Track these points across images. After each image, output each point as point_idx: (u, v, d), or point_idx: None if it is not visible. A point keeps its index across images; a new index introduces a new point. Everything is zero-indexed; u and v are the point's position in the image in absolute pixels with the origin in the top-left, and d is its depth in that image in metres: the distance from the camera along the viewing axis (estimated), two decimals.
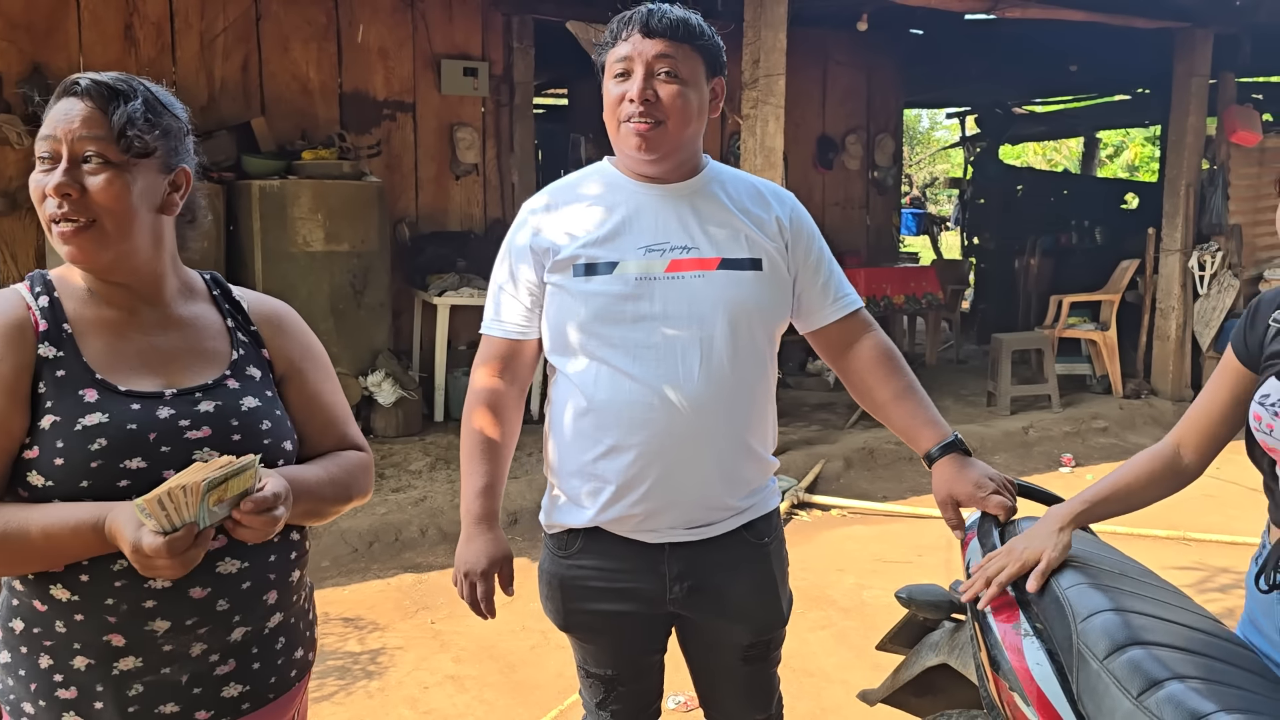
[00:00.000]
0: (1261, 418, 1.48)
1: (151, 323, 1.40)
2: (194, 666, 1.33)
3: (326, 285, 5.69)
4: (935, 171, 21.72)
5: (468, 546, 1.78)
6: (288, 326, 1.54)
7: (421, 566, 4.32)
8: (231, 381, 1.41)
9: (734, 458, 1.77)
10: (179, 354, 1.40)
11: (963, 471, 1.76)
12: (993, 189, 10.67)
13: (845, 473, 5.72)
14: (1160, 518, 4.57)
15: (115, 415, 1.29)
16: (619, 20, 1.73)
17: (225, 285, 1.52)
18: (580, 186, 1.82)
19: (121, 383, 1.33)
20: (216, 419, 1.36)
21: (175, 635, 1.31)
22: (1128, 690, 1.29)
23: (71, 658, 1.30)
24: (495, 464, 1.80)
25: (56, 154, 1.30)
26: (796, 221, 1.83)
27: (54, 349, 1.31)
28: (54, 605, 1.29)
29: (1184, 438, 1.64)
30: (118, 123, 1.30)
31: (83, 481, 1.26)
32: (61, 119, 1.30)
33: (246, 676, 1.38)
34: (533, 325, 1.81)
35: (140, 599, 1.28)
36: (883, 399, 1.85)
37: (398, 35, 6.60)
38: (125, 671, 1.30)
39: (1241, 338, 1.59)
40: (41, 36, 5.53)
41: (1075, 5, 6.55)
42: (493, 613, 1.79)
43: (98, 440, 1.27)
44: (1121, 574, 1.58)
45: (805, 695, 3.16)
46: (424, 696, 3.21)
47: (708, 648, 1.90)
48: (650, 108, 1.67)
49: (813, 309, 1.86)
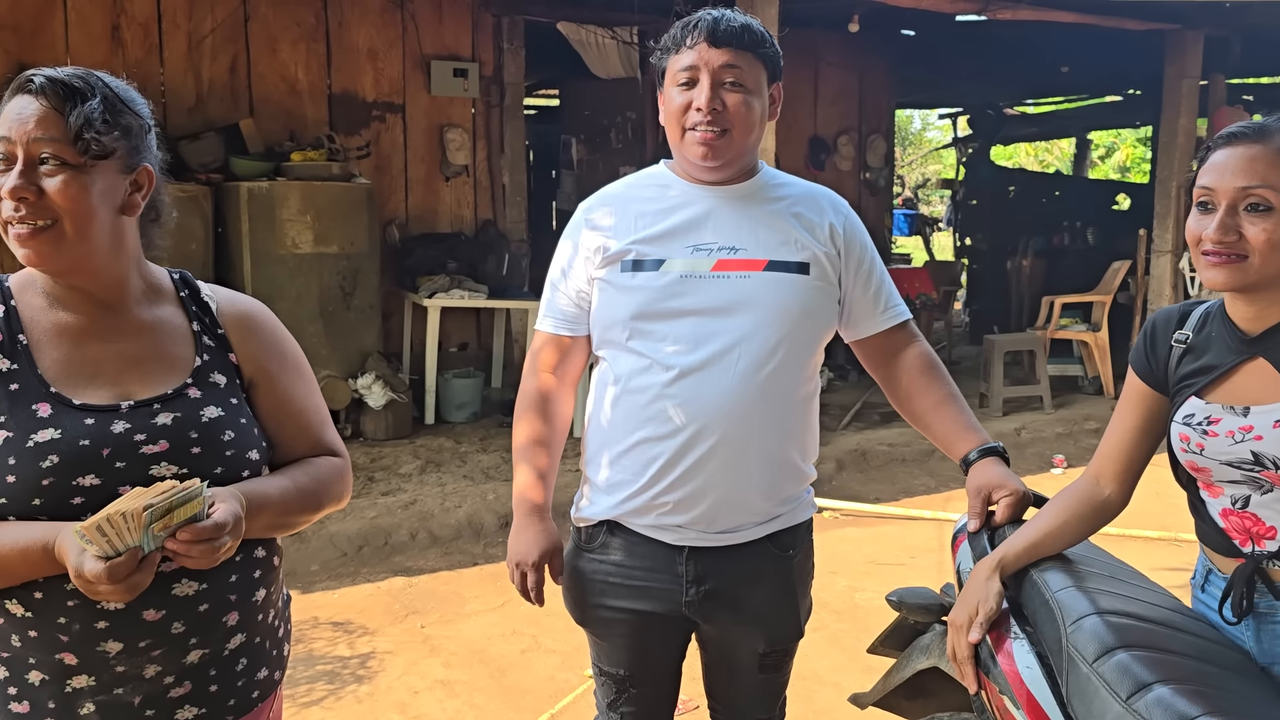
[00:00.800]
0: (1190, 437, 1.49)
1: (111, 329, 1.35)
2: (147, 688, 1.30)
3: (315, 287, 5.66)
4: (927, 172, 21.76)
5: (519, 537, 1.81)
6: (258, 327, 1.49)
7: (411, 570, 4.30)
8: (193, 390, 1.36)
9: (765, 461, 1.76)
10: (139, 361, 1.35)
11: (1000, 469, 1.76)
12: (985, 190, 10.68)
13: (838, 475, 5.72)
14: (1151, 519, 4.57)
15: (68, 430, 1.26)
16: (682, 26, 1.73)
17: (194, 285, 1.47)
18: (636, 188, 1.85)
19: (76, 395, 1.29)
20: (175, 431, 1.32)
21: (128, 657, 1.28)
22: (1117, 693, 1.29)
23: (26, 671, 1.27)
24: (547, 456, 1.85)
25: (11, 155, 1.25)
26: (850, 230, 1.84)
27: (7, 361, 1.28)
28: (9, 619, 1.27)
29: (1102, 470, 1.63)
30: (74, 124, 1.25)
31: (35, 499, 1.24)
32: (15, 119, 1.25)
33: (203, 699, 1.35)
34: (582, 322, 1.84)
35: (93, 619, 1.25)
36: (924, 407, 1.86)
37: (387, 36, 6.58)
38: (78, 689, 1.27)
39: (1144, 361, 1.60)
40: (27, 37, 5.50)
41: (1066, 6, 6.56)
42: (541, 601, 1.82)
43: (49, 457, 1.24)
44: (1111, 576, 1.57)
45: (798, 698, 3.14)
46: (414, 701, 3.19)
47: (722, 652, 1.90)
48: (717, 117, 1.69)
49: (861, 318, 1.86)
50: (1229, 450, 1.44)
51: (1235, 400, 1.45)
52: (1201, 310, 1.57)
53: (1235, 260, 1.42)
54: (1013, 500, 1.69)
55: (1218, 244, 1.42)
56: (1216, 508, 1.51)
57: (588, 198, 1.90)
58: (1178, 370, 1.54)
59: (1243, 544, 1.47)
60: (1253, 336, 1.46)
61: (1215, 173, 1.45)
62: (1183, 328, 1.56)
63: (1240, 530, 1.47)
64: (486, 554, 4.51)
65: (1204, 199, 1.47)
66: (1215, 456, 1.46)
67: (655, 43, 1.83)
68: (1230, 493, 1.48)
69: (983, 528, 1.72)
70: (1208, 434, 1.46)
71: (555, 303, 1.85)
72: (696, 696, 2.21)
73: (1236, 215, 1.42)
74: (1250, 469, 1.43)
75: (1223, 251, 1.42)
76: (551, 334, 1.86)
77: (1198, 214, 1.48)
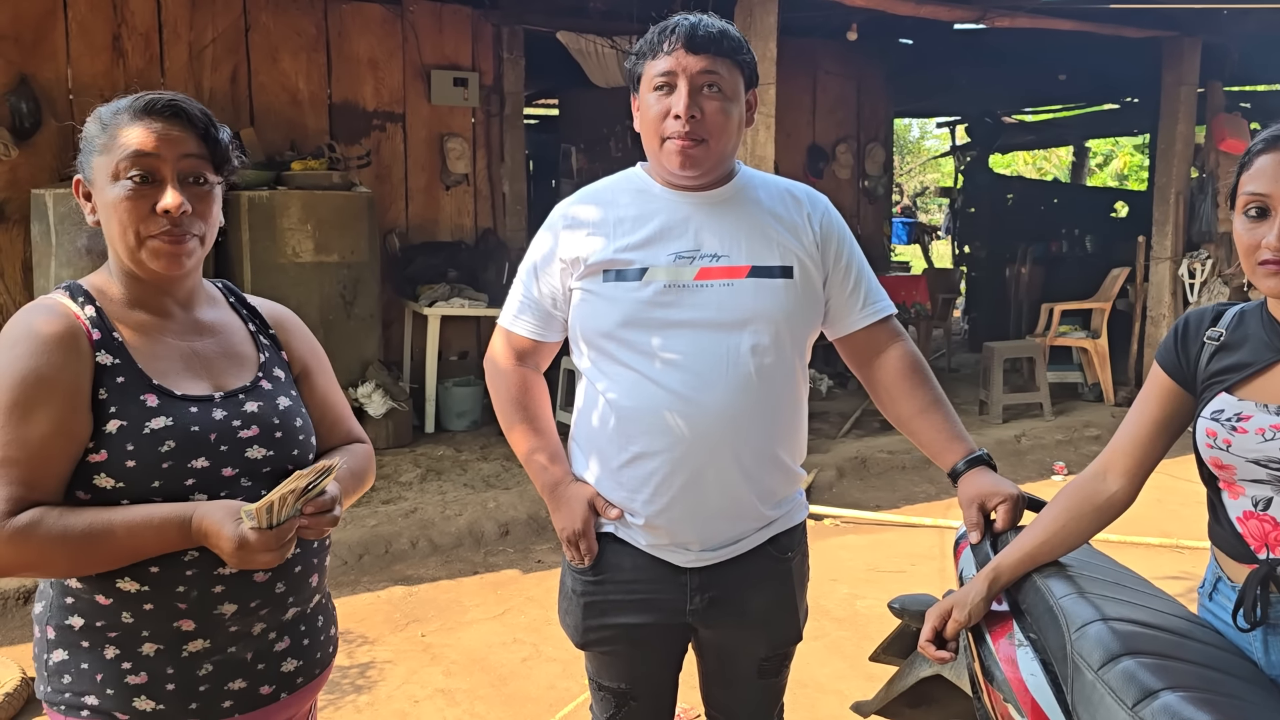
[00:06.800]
0: (1216, 433, 1.47)
1: (187, 328, 1.48)
2: (257, 644, 1.44)
3: (316, 296, 5.66)
4: (926, 180, 21.81)
5: (558, 514, 1.82)
6: (294, 328, 1.65)
7: (412, 579, 4.29)
8: (264, 383, 1.51)
9: (761, 468, 1.75)
10: (215, 358, 1.48)
11: (990, 476, 1.75)
12: (983, 198, 10.70)
13: (838, 482, 5.71)
14: (1153, 526, 4.56)
15: (178, 418, 1.38)
16: (659, 31, 1.71)
17: (238, 292, 1.62)
18: (612, 193, 1.81)
19: (175, 387, 1.41)
20: (261, 418, 1.46)
21: (240, 617, 1.41)
22: (1123, 701, 1.28)
23: (139, 645, 1.37)
24: (547, 435, 1.86)
25: (156, 171, 1.37)
26: (828, 224, 1.82)
27: (110, 357, 1.37)
28: (120, 597, 1.35)
29: (1112, 463, 1.61)
30: (222, 148, 1.42)
31: (154, 482, 1.34)
32: (159, 139, 1.37)
33: (299, 652, 1.50)
34: (550, 329, 1.83)
35: (210, 585, 1.37)
36: (909, 412, 1.84)
37: (387, 46, 6.59)
38: (194, 653, 1.39)
39: (1173, 356, 1.58)
40: (29, 47, 5.50)
41: (1064, 15, 6.58)
42: (594, 559, 1.82)
43: (166, 443, 1.35)
44: (1116, 583, 1.56)
45: (799, 706, 3.14)
46: (414, 710, 3.18)
47: (723, 658, 1.89)
48: (695, 125, 1.66)
49: (842, 314, 1.84)
50: (1257, 448, 1.42)
51: (1268, 398, 1.44)
52: (1236, 310, 1.55)
53: None
54: (1009, 506, 1.69)
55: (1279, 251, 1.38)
56: (1236, 510, 1.49)
57: (564, 200, 1.87)
58: (1209, 367, 1.52)
59: (1258, 550, 1.46)
60: None
61: (1267, 178, 1.40)
62: (1217, 325, 1.54)
63: (1258, 535, 1.46)
64: (487, 562, 4.50)
65: (1258, 205, 1.42)
66: (1241, 454, 1.44)
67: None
68: (1252, 493, 1.46)
69: (984, 537, 1.72)
70: (1236, 430, 1.44)
71: (530, 306, 1.83)
72: (695, 705, 2.21)
73: None
74: (1276, 468, 1.41)
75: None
76: (521, 335, 1.84)
77: (1248, 222, 1.43)
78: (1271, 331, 1.48)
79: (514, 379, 1.86)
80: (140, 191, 1.36)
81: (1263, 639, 1.45)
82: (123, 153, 1.36)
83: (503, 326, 1.87)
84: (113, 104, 1.41)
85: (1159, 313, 7.45)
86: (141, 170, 1.36)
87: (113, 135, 1.37)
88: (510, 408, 1.86)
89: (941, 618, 1.59)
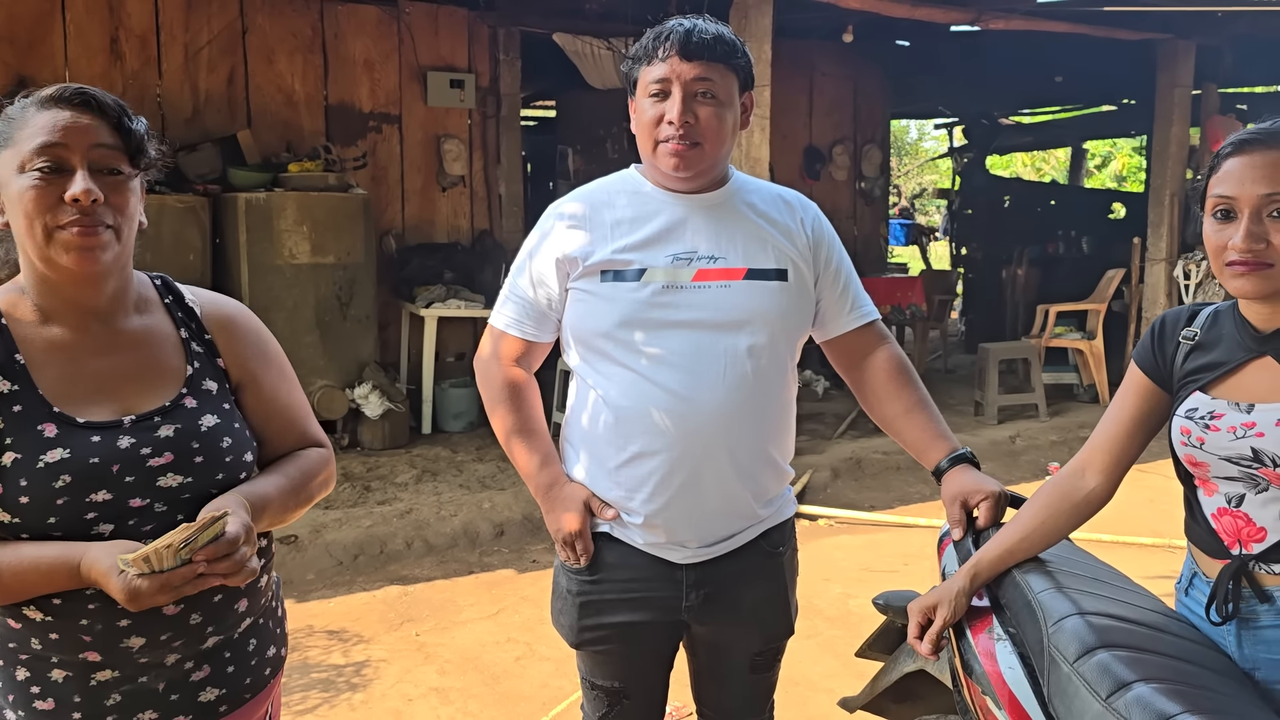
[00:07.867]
0: (1190, 431, 1.50)
1: (105, 342, 1.37)
2: (170, 674, 1.35)
3: (312, 297, 5.68)
4: (923, 182, 21.83)
5: (551, 516, 1.81)
6: (242, 330, 1.51)
7: (407, 579, 4.31)
8: (189, 400, 1.39)
9: (755, 466, 1.78)
10: (134, 374, 1.38)
11: (972, 474, 1.77)
12: (980, 199, 10.72)
13: (833, 483, 5.72)
14: (1144, 526, 4.58)
15: (76, 450, 1.28)
16: (654, 36, 1.72)
17: (176, 290, 1.49)
18: (608, 194, 1.82)
19: (79, 413, 1.31)
20: (177, 443, 1.35)
21: (150, 649, 1.32)
22: (1097, 692, 1.30)
23: (48, 670, 1.31)
24: (540, 437, 1.85)
25: (64, 161, 1.27)
26: (818, 229, 1.85)
27: (8, 383, 1.29)
28: (27, 624, 1.30)
29: (1090, 460, 1.63)
30: (135, 138, 1.32)
31: (50, 518, 1.26)
32: (68, 128, 1.28)
33: (222, 680, 1.40)
34: (544, 330, 1.83)
35: (114, 619, 1.29)
36: (894, 412, 1.86)
37: (383, 47, 6.61)
38: (103, 682, 1.31)
39: (1150, 355, 1.60)
40: (25, 49, 5.53)
41: (1059, 16, 6.61)
42: (590, 558, 1.82)
43: (61, 477, 1.26)
44: (1094, 579, 1.58)
45: (791, 704, 3.15)
46: (408, 709, 3.19)
47: (716, 654, 1.91)
48: (689, 130, 1.68)
49: (830, 317, 1.87)
50: (1229, 446, 1.44)
51: (1240, 396, 1.46)
52: (1211, 310, 1.58)
53: (1262, 268, 1.41)
54: (991, 503, 1.71)
55: (1246, 253, 1.41)
56: (1210, 506, 1.51)
57: (558, 200, 1.87)
58: (1184, 366, 1.55)
59: (1231, 546, 1.48)
60: (1265, 334, 1.47)
61: (1234, 181, 1.43)
62: (1192, 325, 1.57)
63: (1231, 531, 1.48)
64: (481, 562, 4.51)
65: (1224, 207, 1.45)
66: (1214, 451, 1.46)
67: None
68: (1225, 490, 1.49)
69: (967, 533, 1.74)
70: (1209, 428, 1.47)
71: (524, 306, 1.83)
72: (686, 703, 2.22)
73: (1261, 223, 1.41)
74: (1249, 465, 1.43)
75: (1250, 261, 1.41)
76: (516, 337, 1.84)
77: (1216, 224, 1.46)
78: (1243, 331, 1.50)
79: (505, 380, 1.85)
80: (47, 180, 1.26)
81: (1235, 633, 1.47)
82: (29, 144, 1.26)
83: (494, 327, 1.87)
84: (20, 99, 1.32)
85: (1154, 314, 7.46)
86: (49, 160, 1.26)
87: (19, 128, 1.28)
88: (502, 410, 1.86)
89: (924, 612, 1.61)
